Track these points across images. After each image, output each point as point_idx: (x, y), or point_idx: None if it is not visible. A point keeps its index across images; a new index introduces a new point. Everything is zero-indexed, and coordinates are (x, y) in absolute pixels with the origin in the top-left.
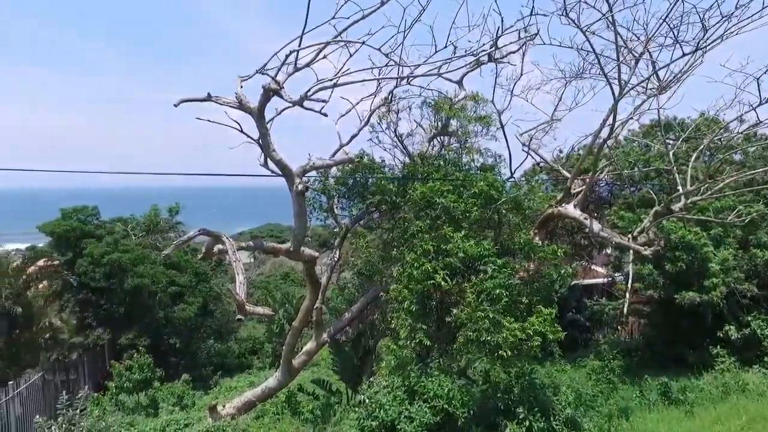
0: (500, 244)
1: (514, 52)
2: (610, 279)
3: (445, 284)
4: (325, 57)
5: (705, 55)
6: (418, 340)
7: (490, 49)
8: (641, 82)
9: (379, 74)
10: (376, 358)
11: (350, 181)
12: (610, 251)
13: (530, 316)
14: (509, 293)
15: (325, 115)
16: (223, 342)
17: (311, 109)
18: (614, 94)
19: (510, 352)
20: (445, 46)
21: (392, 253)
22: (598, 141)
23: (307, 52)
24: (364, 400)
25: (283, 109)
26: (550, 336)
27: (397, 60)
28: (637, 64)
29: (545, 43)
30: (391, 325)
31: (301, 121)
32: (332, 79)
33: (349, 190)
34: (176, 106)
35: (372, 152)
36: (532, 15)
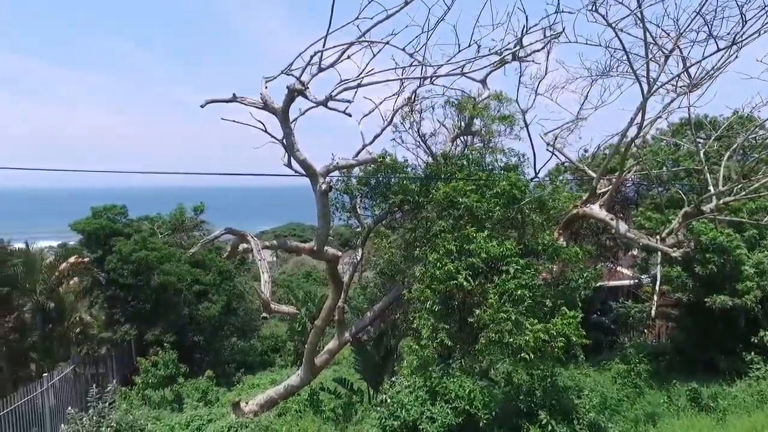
0: (523, 244)
1: (539, 51)
2: (637, 281)
3: (468, 284)
4: (348, 57)
5: (740, 50)
6: (440, 341)
7: (515, 47)
8: (671, 79)
9: (403, 74)
10: (398, 357)
11: (373, 181)
12: (636, 252)
13: (553, 318)
14: (532, 294)
15: (350, 115)
16: (246, 340)
17: (335, 110)
18: (643, 92)
19: (533, 354)
20: (469, 45)
21: (414, 252)
22: (626, 140)
23: (331, 53)
24: (385, 400)
25: (307, 109)
26: (574, 338)
27: (421, 59)
28: (666, 61)
29: (570, 41)
30: (413, 325)
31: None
32: (356, 79)
33: (372, 190)
34: (203, 107)
35: (395, 152)
36: (557, 13)
